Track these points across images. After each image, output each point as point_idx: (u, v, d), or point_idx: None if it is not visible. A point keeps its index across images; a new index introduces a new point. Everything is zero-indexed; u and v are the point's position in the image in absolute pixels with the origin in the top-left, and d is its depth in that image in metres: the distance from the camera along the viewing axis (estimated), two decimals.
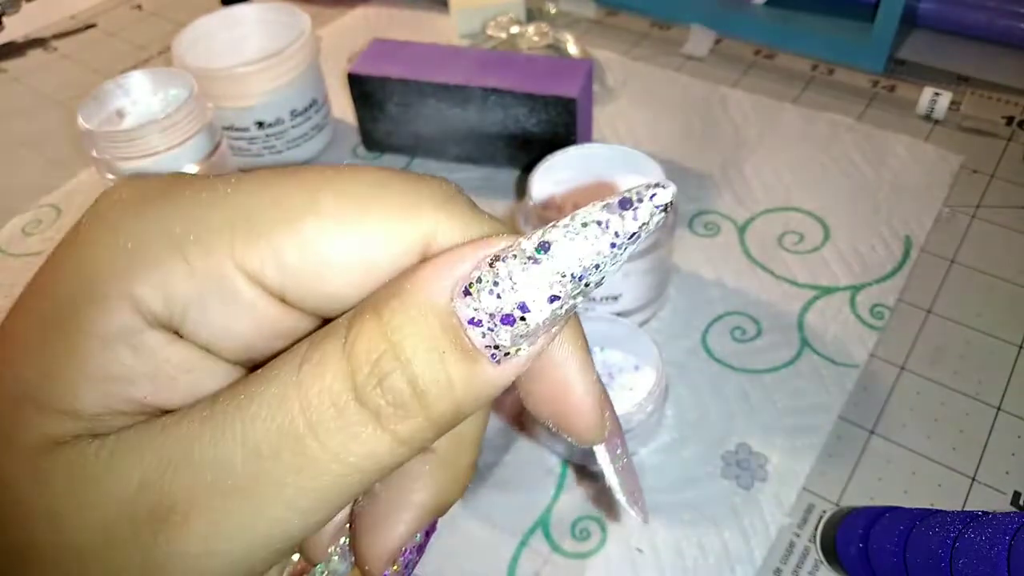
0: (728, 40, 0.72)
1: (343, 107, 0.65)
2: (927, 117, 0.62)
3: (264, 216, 0.14)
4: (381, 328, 0.13)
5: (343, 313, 0.15)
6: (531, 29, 0.70)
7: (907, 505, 0.37)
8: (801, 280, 0.51)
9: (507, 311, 0.13)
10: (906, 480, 0.41)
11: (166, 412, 0.14)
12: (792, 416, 0.43)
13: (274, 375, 0.13)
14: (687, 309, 0.49)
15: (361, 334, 0.13)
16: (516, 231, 0.15)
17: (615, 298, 0.45)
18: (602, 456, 0.18)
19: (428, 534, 0.17)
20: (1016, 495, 0.40)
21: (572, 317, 0.16)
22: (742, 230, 0.54)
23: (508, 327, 0.13)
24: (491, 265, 0.13)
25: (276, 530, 0.13)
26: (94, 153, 0.48)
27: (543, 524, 0.40)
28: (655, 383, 0.40)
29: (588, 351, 0.16)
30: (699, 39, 0.71)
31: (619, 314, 0.44)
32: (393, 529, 0.16)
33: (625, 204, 0.13)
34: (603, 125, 0.63)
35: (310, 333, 0.16)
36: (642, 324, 0.48)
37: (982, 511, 0.32)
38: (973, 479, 0.40)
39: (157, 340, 0.14)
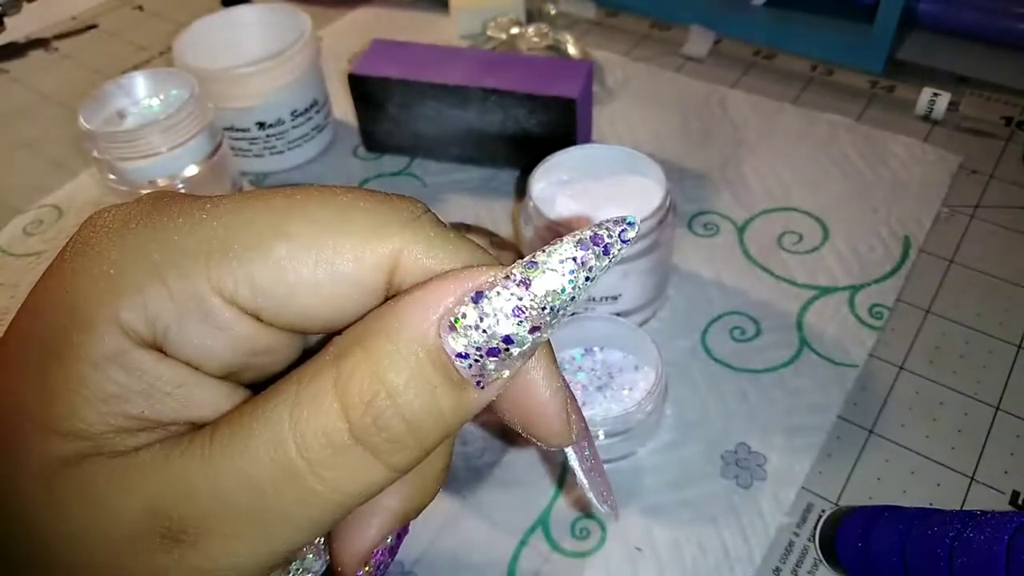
0: (727, 41, 0.72)
1: (344, 108, 0.65)
2: (926, 118, 0.62)
3: (236, 241, 0.15)
4: (372, 367, 0.14)
5: (316, 328, 0.16)
6: (531, 30, 0.71)
7: (906, 504, 0.38)
8: (800, 280, 0.51)
9: (494, 345, 0.14)
10: (905, 479, 0.41)
11: (164, 425, 0.15)
12: (791, 416, 0.44)
13: (268, 416, 0.14)
14: (686, 309, 0.49)
15: (354, 374, 0.14)
16: (515, 231, 0.15)
17: (615, 298, 0.45)
18: (571, 458, 0.19)
19: (400, 536, 0.18)
20: (1015, 494, 0.40)
21: None
22: (741, 230, 0.54)
23: (495, 358, 0.14)
24: (475, 301, 0.14)
25: (281, 548, 0.14)
26: (95, 154, 0.49)
27: (543, 523, 0.40)
28: (655, 383, 0.40)
29: (553, 357, 0.17)
30: (698, 40, 0.71)
31: (619, 314, 0.45)
32: (366, 532, 0.17)
33: (598, 241, 0.14)
34: (603, 125, 0.63)
35: (287, 349, 0.17)
36: (642, 324, 0.48)
37: (981, 510, 0.33)
38: (972, 478, 0.41)
39: (145, 359, 0.15)
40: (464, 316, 0.14)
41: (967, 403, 0.44)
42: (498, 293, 0.14)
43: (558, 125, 0.55)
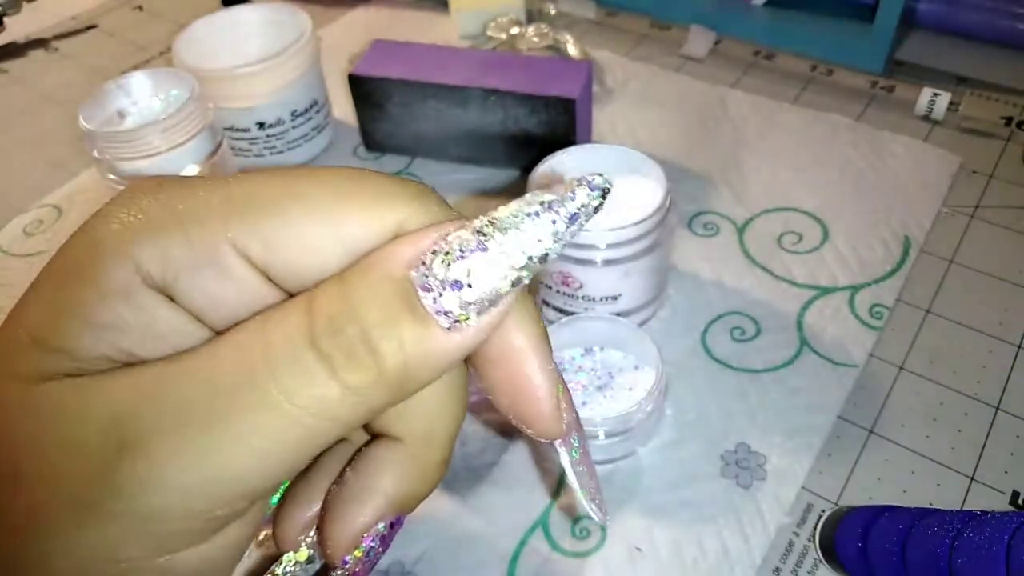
0: (727, 40, 0.72)
1: (344, 108, 0.65)
2: (926, 118, 0.62)
3: (256, 201, 0.16)
4: (343, 290, 0.15)
5: None
6: (531, 30, 0.71)
7: (906, 504, 0.38)
8: (800, 280, 0.51)
9: (455, 277, 0.14)
10: (905, 479, 0.41)
11: None
12: (791, 416, 0.44)
13: (242, 327, 0.15)
14: (686, 309, 0.49)
15: (323, 293, 0.15)
16: None
17: (615, 298, 0.45)
18: (560, 452, 0.19)
19: (393, 526, 0.18)
20: (1015, 494, 0.40)
21: (531, 310, 0.17)
22: (741, 230, 0.54)
23: (456, 292, 0.14)
24: (445, 240, 0.15)
25: (229, 466, 0.14)
26: (95, 154, 0.49)
27: (543, 523, 0.40)
28: (655, 383, 0.40)
29: (546, 341, 0.17)
30: (698, 40, 0.71)
31: (619, 314, 0.45)
32: (357, 514, 0.17)
33: (565, 188, 0.15)
34: (603, 125, 0.63)
35: None
36: (642, 324, 0.48)
37: (981, 510, 0.33)
38: (972, 478, 0.41)
39: (151, 300, 0.16)
40: (433, 253, 0.15)
41: (967, 403, 0.44)
42: (464, 231, 0.15)
43: (558, 125, 0.55)
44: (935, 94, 0.61)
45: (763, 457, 0.42)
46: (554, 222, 0.15)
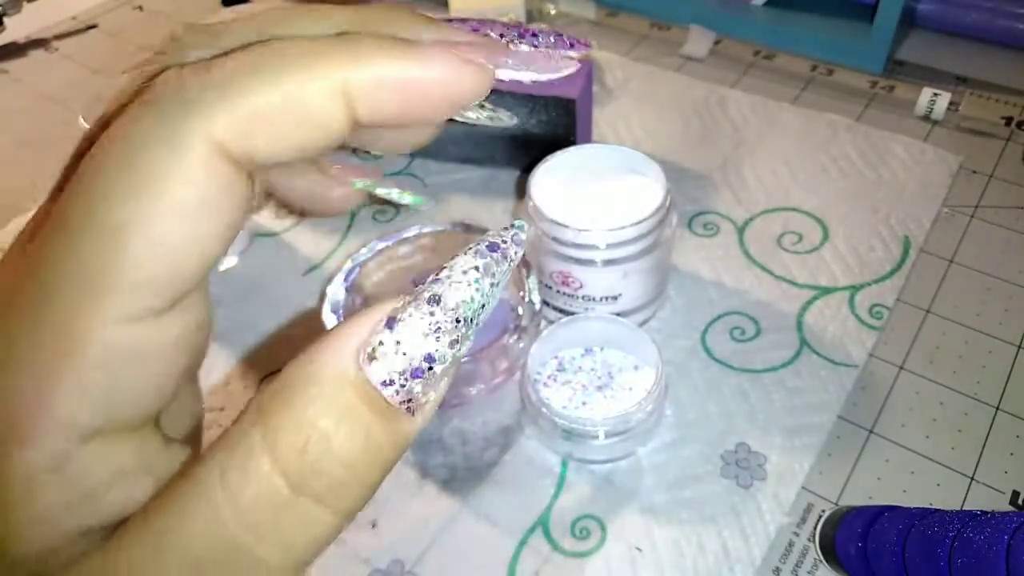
0: (727, 41, 0.72)
1: None
2: (926, 117, 0.62)
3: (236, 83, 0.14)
4: (299, 414, 0.13)
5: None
6: None
7: (906, 504, 0.38)
8: (800, 280, 0.51)
9: (416, 365, 0.14)
10: (905, 479, 0.41)
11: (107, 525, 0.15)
12: (791, 416, 0.44)
13: (198, 489, 0.13)
14: (686, 309, 0.49)
15: (282, 425, 0.13)
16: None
17: (615, 298, 0.45)
18: (507, 73, 0.18)
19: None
20: (1015, 494, 0.40)
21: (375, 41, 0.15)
22: (741, 230, 0.54)
23: (419, 379, 0.14)
24: (389, 327, 0.14)
25: None
26: None
27: (543, 523, 0.40)
28: (655, 383, 0.40)
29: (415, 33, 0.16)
30: (698, 40, 0.71)
31: (619, 314, 0.45)
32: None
33: (494, 248, 0.15)
34: (603, 125, 0.63)
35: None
36: (642, 324, 0.48)
37: (981, 510, 0.33)
38: (972, 478, 0.41)
39: (89, 454, 0.14)
40: (381, 343, 0.14)
41: (967, 403, 0.44)
42: (410, 314, 0.14)
43: (558, 125, 0.55)
44: (935, 94, 0.61)
45: (763, 457, 0.42)
46: (493, 285, 0.15)
